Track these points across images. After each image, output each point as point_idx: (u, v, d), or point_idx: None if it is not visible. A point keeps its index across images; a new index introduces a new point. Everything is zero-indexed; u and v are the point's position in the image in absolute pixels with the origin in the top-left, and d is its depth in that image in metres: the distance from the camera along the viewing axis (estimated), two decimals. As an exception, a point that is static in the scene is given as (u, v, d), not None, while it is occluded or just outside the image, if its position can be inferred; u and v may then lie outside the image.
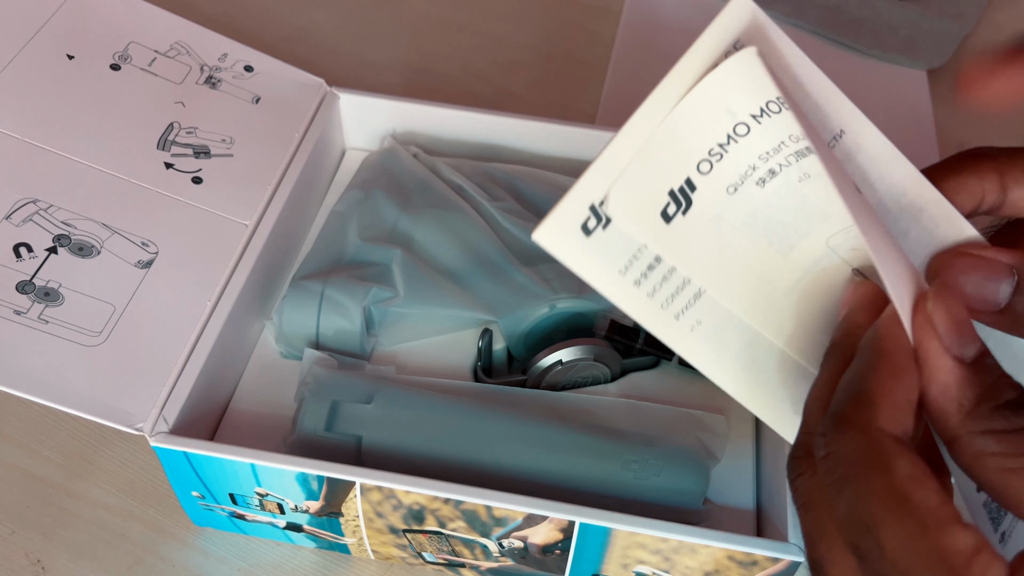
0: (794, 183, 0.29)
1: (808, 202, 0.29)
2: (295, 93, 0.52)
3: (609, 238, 0.29)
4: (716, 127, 0.28)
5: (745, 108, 0.27)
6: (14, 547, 0.42)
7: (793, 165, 0.28)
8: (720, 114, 0.28)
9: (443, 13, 0.70)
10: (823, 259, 0.30)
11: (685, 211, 0.28)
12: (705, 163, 0.28)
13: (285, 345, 0.45)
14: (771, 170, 0.28)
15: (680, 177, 0.28)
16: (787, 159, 0.28)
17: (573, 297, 0.45)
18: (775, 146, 0.28)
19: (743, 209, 0.29)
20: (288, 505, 0.40)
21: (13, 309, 0.40)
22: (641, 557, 0.37)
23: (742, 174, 0.28)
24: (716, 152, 0.28)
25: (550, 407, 0.43)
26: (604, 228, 0.29)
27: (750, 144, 0.28)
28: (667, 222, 0.28)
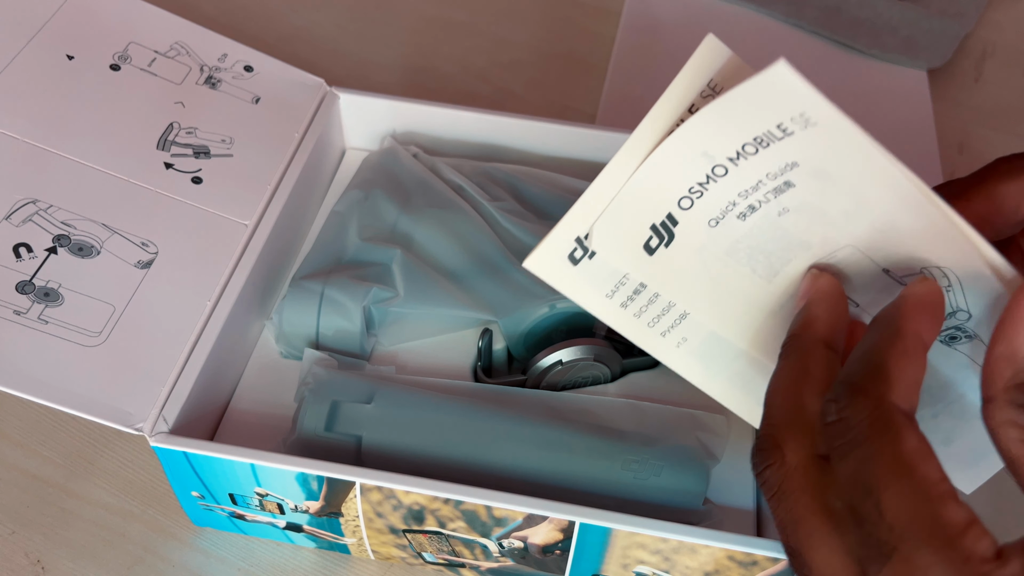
0: (774, 217, 0.29)
1: (789, 234, 0.30)
2: (295, 93, 0.52)
3: (595, 266, 0.31)
4: (694, 169, 0.28)
5: (721, 152, 0.28)
6: (14, 547, 0.42)
7: (772, 201, 0.29)
8: (697, 157, 0.28)
9: (443, 13, 0.70)
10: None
11: (668, 244, 0.30)
12: (686, 200, 0.29)
13: (285, 345, 0.45)
14: (751, 206, 0.29)
15: (661, 213, 0.29)
16: (766, 196, 0.29)
17: (573, 297, 0.45)
18: (753, 184, 0.29)
19: (725, 240, 0.30)
20: (288, 505, 0.40)
21: (13, 309, 0.40)
22: (641, 557, 0.37)
23: (723, 209, 0.29)
24: (696, 190, 0.29)
25: (550, 407, 0.43)
26: (590, 258, 0.31)
27: (728, 183, 0.28)
28: (650, 254, 0.30)
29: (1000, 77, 0.69)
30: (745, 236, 0.29)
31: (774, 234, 0.29)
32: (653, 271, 0.30)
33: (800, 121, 0.27)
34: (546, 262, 0.31)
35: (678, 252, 0.30)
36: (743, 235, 0.29)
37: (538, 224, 0.49)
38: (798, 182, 0.28)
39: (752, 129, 0.27)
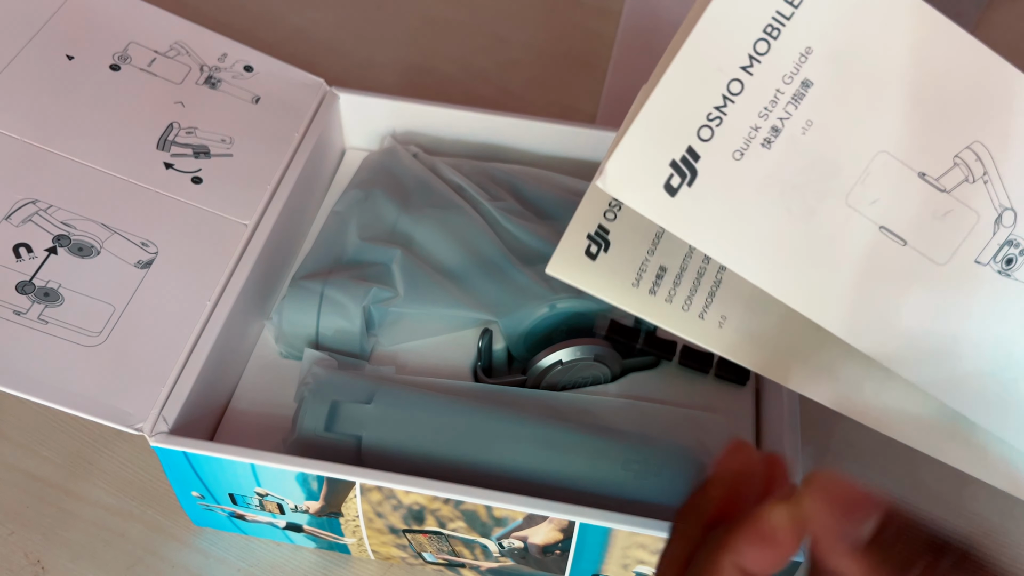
0: (798, 137, 0.27)
1: (816, 156, 0.28)
2: (295, 93, 0.52)
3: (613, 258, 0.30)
4: (710, 89, 0.27)
5: (734, 60, 0.26)
6: (14, 547, 0.42)
7: (793, 115, 0.27)
8: (710, 74, 0.27)
9: (443, 13, 0.70)
10: (848, 222, 0.29)
11: (691, 182, 0.27)
12: (705, 129, 0.27)
13: (285, 345, 0.45)
14: (773, 127, 0.27)
15: (681, 146, 0.27)
16: (785, 109, 0.27)
17: (573, 297, 0.45)
18: (771, 97, 0.27)
19: (754, 176, 0.27)
20: (288, 505, 0.40)
21: (13, 309, 0.40)
22: (641, 557, 0.37)
23: (745, 136, 0.27)
24: (715, 116, 0.27)
25: (550, 407, 0.43)
26: (606, 251, 0.30)
27: (746, 102, 0.27)
28: (672, 195, 0.27)
29: (1000, 77, 0.69)
30: (774, 169, 0.28)
31: (802, 161, 0.28)
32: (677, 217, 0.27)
33: None
34: (566, 264, 0.31)
35: (704, 192, 0.27)
36: (771, 168, 0.28)
37: (538, 224, 0.49)
38: (815, 77, 0.27)
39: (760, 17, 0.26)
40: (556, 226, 0.49)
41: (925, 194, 0.29)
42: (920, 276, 0.29)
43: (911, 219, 0.29)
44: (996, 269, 0.29)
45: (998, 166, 0.29)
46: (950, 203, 0.29)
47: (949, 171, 0.29)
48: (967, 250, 0.29)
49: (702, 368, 0.45)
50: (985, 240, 0.29)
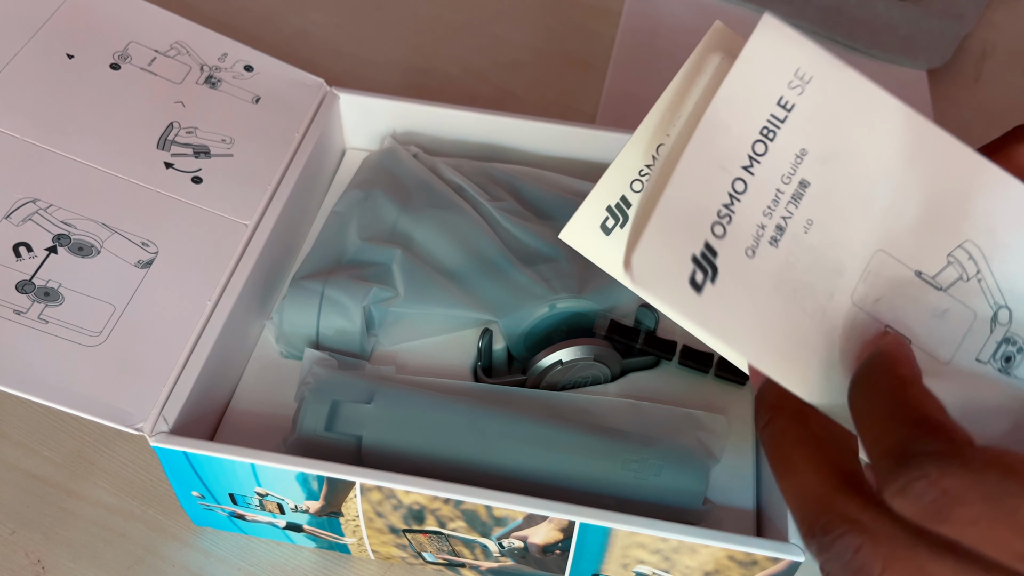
0: (801, 236, 0.28)
1: (819, 254, 0.28)
2: (295, 93, 0.52)
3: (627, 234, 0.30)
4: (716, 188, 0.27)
5: (735, 160, 0.27)
6: (14, 547, 0.42)
7: (794, 215, 0.28)
8: (715, 173, 0.27)
9: (443, 13, 0.70)
10: (855, 320, 0.29)
11: (713, 279, 0.27)
12: (718, 226, 0.27)
13: (285, 345, 0.45)
14: (778, 226, 0.28)
15: (699, 241, 0.27)
16: (787, 208, 0.28)
17: (573, 297, 0.45)
18: (773, 196, 0.28)
19: (767, 273, 0.28)
20: (288, 505, 0.40)
21: (13, 309, 0.40)
22: (641, 557, 0.37)
23: (754, 235, 0.27)
24: (724, 214, 0.27)
25: (550, 407, 0.43)
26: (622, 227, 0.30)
27: (751, 201, 0.27)
28: (698, 292, 0.26)
29: (1000, 77, 0.69)
30: (784, 267, 0.28)
31: (807, 259, 0.28)
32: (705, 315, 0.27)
33: (798, 84, 0.26)
34: (580, 233, 0.31)
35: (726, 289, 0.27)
36: (781, 265, 0.28)
37: (538, 224, 0.49)
38: (811, 177, 0.28)
39: (756, 119, 0.27)
40: (556, 226, 0.49)
41: (923, 292, 0.29)
42: (929, 374, 0.29)
43: (913, 318, 0.29)
44: (996, 367, 0.30)
45: (990, 264, 0.29)
46: (948, 301, 0.29)
47: (944, 269, 0.29)
48: (968, 348, 0.30)
49: (702, 368, 0.45)
50: (983, 338, 0.30)
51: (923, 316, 0.30)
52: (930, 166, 0.28)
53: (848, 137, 0.28)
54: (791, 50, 0.27)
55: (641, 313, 0.45)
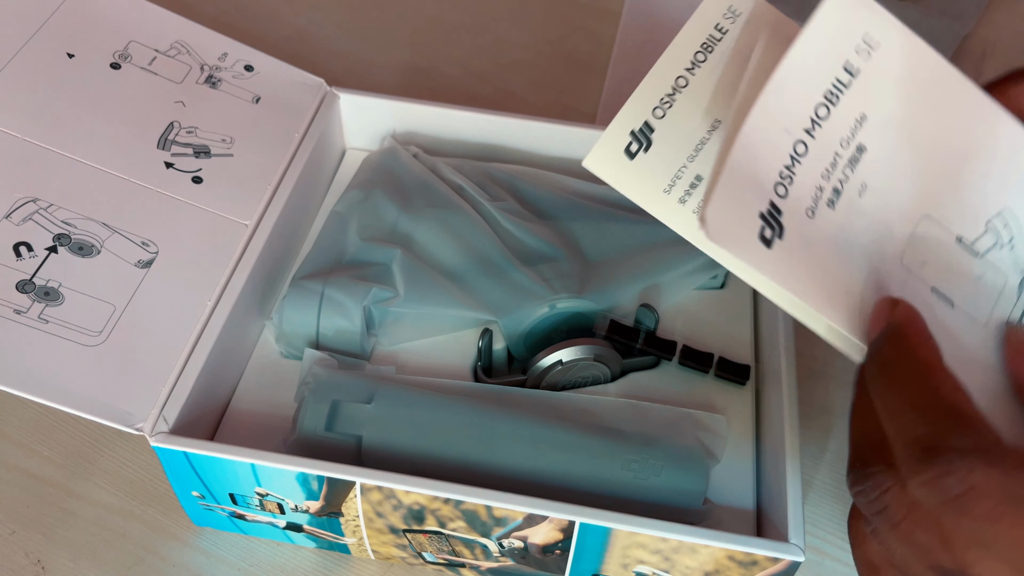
0: (856, 199, 0.29)
1: (873, 218, 0.29)
2: (295, 93, 0.52)
3: (651, 160, 0.31)
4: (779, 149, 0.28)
5: (798, 123, 0.27)
6: (14, 547, 0.42)
7: (851, 178, 0.29)
8: (778, 135, 0.27)
9: (443, 13, 0.70)
10: (907, 282, 0.30)
11: (781, 235, 0.27)
12: (780, 186, 0.27)
13: (285, 345, 0.45)
14: (835, 189, 0.28)
15: (764, 200, 0.27)
16: (844, 172, 0.28)
17: (573, 297, 0.45)
18: (832, 160, 0.28)
19: (827, 233, 0.28)
20: (288, 505, 0.40)
21: (13, 308, 0.40)
22: (641, 557, 0.37)
23: (814, 196, 0.28)
24: (786, 175, 0.27)
25: (550, 407, 0.43)
26: (646, 151, 0.30)
27: (812, 163, 0.28)
28: (768, 247, 0.27)
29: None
30: (840, 228, 0.29)
31: (861, 222, 0.29)
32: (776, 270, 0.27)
33: (864, 49, 0.27)
34: (603, 159, 0.31)
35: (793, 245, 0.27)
36: (839, 227, 0.29)
37: (538, 224, 0.49)
38: (868, 142, 0.28)
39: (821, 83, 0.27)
40: (556, 226, 0.49)
41: (963, 258, 0.30)
42: (967, 335, 0.30)
43: (955, 281, 0.30)
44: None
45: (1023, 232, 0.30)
46: (983, 266, 0.31)
47: (982, 236, 0.30)
48: (1000, 311, 0.31)
49: (702, 368, 0.45)
50: (1012, 301, 0.31)
51: (964, 281, 0.30)
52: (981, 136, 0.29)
53: (908, 104, 0.28)
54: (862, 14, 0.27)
55: (641, 313, 0.45)
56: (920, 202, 0.30)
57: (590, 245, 0.48)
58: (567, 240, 0.48)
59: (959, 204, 0.30)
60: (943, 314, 0.30)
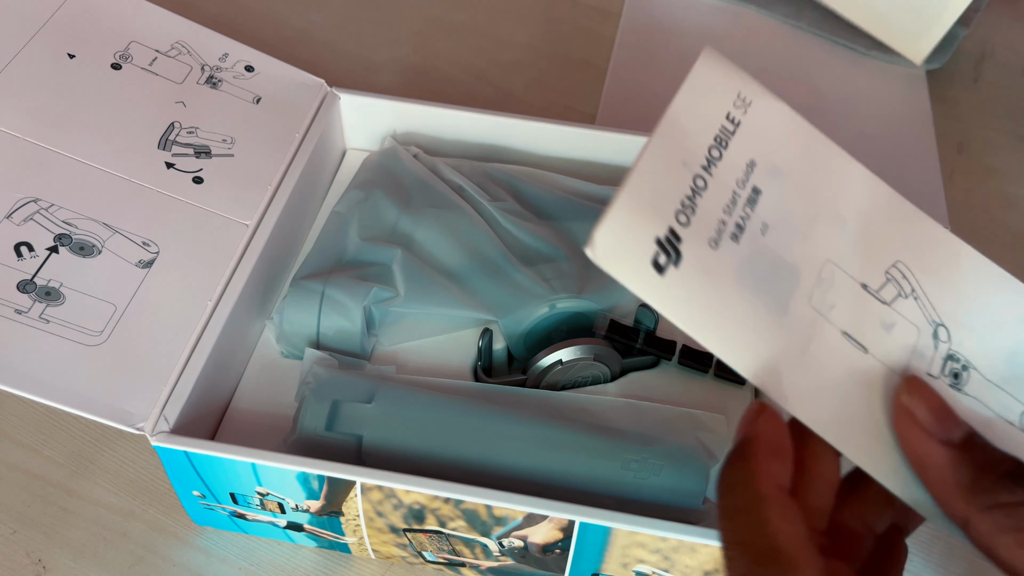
0: (759, 237, 0.28)
1: (777, 256, 0.29)
2: (296, 93, 0.52)
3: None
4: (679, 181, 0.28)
5: (695, 159, 0.28)
6: (15, 546, 0.42)
7: (752, 216, 0.29)
8: (677, 168, 0.27)
9: (443, 13, 0.71)
10: (814, 324, 0.29)
11: (677, 263, 0.27)
12: (682, 214, 0.27)
13: (286, 345, 0.46)
14: (737, 224, 0.28)
15: (663, 225, 0.27)
16: (744, 211, 0.28)
17: (573, 297, 0.45)
18: (730, 198, 0.28)
19: (730, 265, 0.28)
20: (289, 504, 0.40)
21: (14, 308, 0.40)
22: (641, 556, 0.37)
23: (717, 228, 0.28)
24: (688, 204, 0.27)
25: (550, 407, 0.43)
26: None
27: (711, 197, 0.28)
28: (660, 273, 0.26)
29: (999, 78, 0.69)
30: (745, 262, 0.28)
31: (766, 259, 0.29)
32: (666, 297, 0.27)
33: (741, 105, 0.28)
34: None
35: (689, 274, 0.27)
36: (743, 260, 0.28)
37: (538, 224, 0.49)
38: (762, 186, 0.29)
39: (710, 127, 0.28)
40: (556, 226, 0.49)
41: (871, 305, 0.30)
42: (882, 384, 0.30)
43: (866, 327, 0.30)
44: (948, 383, 0.31)
45: (921, 284, 0.31)
46: (892, 315, 0.30)
47: (885, 285, 0.30)
48: (918, 363, 0.30)
49: (702, 368, 0.45)
50: (930, 354, 0.31)
51: (875, 327, 0.30)
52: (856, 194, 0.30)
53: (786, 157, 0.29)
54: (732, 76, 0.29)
55: (641, 313, 0.45)
56: (821, 247, 0.30)
57: (590, 245, 0.48)
58: (567, 240, 0.48)
59: (857, 251, 0.30)
60: (856, 360, 0.30)
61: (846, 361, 0.29)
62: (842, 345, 0.29)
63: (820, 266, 0.30)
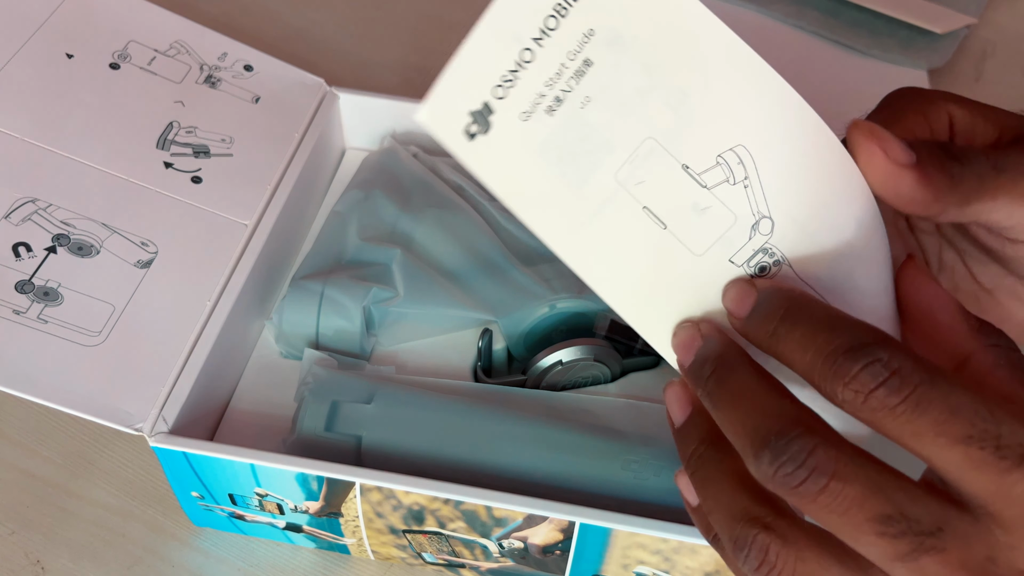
0: (577, 110, 0.30)
1: (593, 130, 0.30)
2: (295, 93, 0.52)
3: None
4: (505, 54, 0.29)
5: (527, 31, 0.29)
6: (14, 547, 0.42)
7: (574, 90, 0.29)
8: (508, 41, 0.29)
9: (443, 13, 0.70)
10: (613, 196, 0.31)
11: (485, 132, 0.30)
12: (499, 89, 0.29)
13: (285, 345, 0.45)
14: (556, 97, 0.29)
15: (479, 100, 0.30)
16: (568, 83, 0.29)
17: (573, 297, 0.45)
18: (557, 70, 0.29)
19: (536, 138, 0.30)
20: (288, 505, 0.40)
21: (12, 309, 0.40)
22: (641, 557, 0.37)
23: (532, 101, 0.29)
24: (508, 79, 0.29)
25: (550, 407, 0.43)
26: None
27: (535, 71, 0.29)
28: (470, 140, 0.30)
29: (1000, 77, 0.69)
30: (553, 134, 0.30)
31: (579, 132, 0.30)
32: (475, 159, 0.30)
33: None
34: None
35: (495, 144, 0.30)
36: (552, 133, 0.30)
37: (538, 224, 0.49)
38: (595, 58, 0.29)
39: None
40: (556, 226, 0.49)
41: (687, 186, 0.31)
42: (676, 261, 0.31)
43: (672, 206, 0.31)
44: (749, 273, 0.32)
45: (760, 174, 0.30)
46: (710, 199, 0.31)
47: (711, 169, 0.30)
48: (722, 248, 0.31)
49: (702, 368, 0.45)
50: (741, 243, 0.31)
51: (682, 208, 0.31)
52: (710, 64, 0.29)
53: (633, 24, 0.29)
54: None
55: (641, 313, 0.45)
56: (644, 123, 0.30)
57: (590, 245, 0.48)
58: (567, 240, 0.48)
59: (687, 132, 0.30)
60: (651, 234, 0.31)
61: (641, 234, 0.31)
62: (640, 218, 0.31)
63: (639, 142, 0.30)
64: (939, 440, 0.24)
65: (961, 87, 0.68)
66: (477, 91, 0.30)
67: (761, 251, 0.31)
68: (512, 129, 0.30)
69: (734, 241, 0.31)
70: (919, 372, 0.25)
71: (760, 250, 0.31)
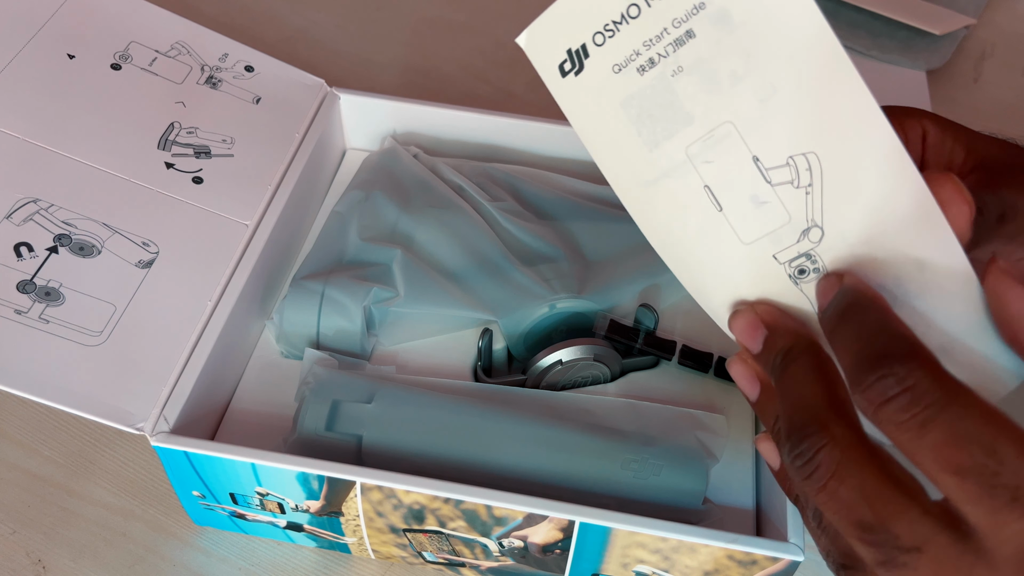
0: (668, 77, 0.30)
1: (677, 100, 0.31)
2: (295, 93, 0.52)
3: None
4: (615, 3, 0.30)
5: None
6: (15, 547, 0.42)
7: (670, 56, 0.30)
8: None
9: (443, 13, 0.71)
10: (680, 167, 0.32)
11: (577, 73, 0.32)
12: (599, 35, 0.31)
13: (286, 345, 0.46)
14: (651, 59, 0.30)
15: (579, 40, 0.31)
16: (665, 48, 0.30)
17: (573, 297, 0.45)
18: (658, 33, 0.30)
19: (622, 91, 0.31)
20: (288, 505, 0.40)
21: (14, 309, 0.40)
22: (641, 556, 0.37)
23: (627, 56, 0.31)
24: (610, 28, 0.30)
25: (550, 407, 0.43)
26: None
27: (637, 27, 0.30)
28: (562, 76, 0.32)
29: (999, 77, 0.69)
30: (639, 92, 0.31)
31: (664, 98, 0.31)
32: (562, 94, 0.32)
33: None
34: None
35: (583, 85, 0.32)
36: (637, 91, 0.31)
37: (538, 224, 0.49)
38: (699, 31, 0.30)
39: None
40: (556, 226, 0.49)
41: (752, 177, 0.31)
42: (723, 242, 0.33)
43: (733, 192, 0.32)
44: (788, 273, 0.32)
45: (824, 186, 0.31)
46: (770, 195, 0.31)
47: (779, 167, 0.31)
48: (770, 243, 0.32)
49: (702, 368, 0.45)
50: (788, 243, 0.32)
51: (742, 196, 0.32)
52: (808, 68, 0.29)
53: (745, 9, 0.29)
54: None
55: (641, 313, 0.45)
56: (728, 107, 0.30)
57: (590, 245, 0.49)
58: (567, 240, 0.48)
59: (767, 126, 0.30)
60: (706, 212, 0.32)
61: (696, 210, 0.32)
62: (699, 195, 0.32)
63: (718, 124, 0.31)
64: (935, 464, 0.25)
65: (960, 88, 0.68)
66: (579, 31, 0.31)
67: (805, 255, 0.32)
68: (602, 76, 0.31)
69: (783, 240, 0.32)
70: (933, 393, 0.25)
71: (804, 255, 0.32)
